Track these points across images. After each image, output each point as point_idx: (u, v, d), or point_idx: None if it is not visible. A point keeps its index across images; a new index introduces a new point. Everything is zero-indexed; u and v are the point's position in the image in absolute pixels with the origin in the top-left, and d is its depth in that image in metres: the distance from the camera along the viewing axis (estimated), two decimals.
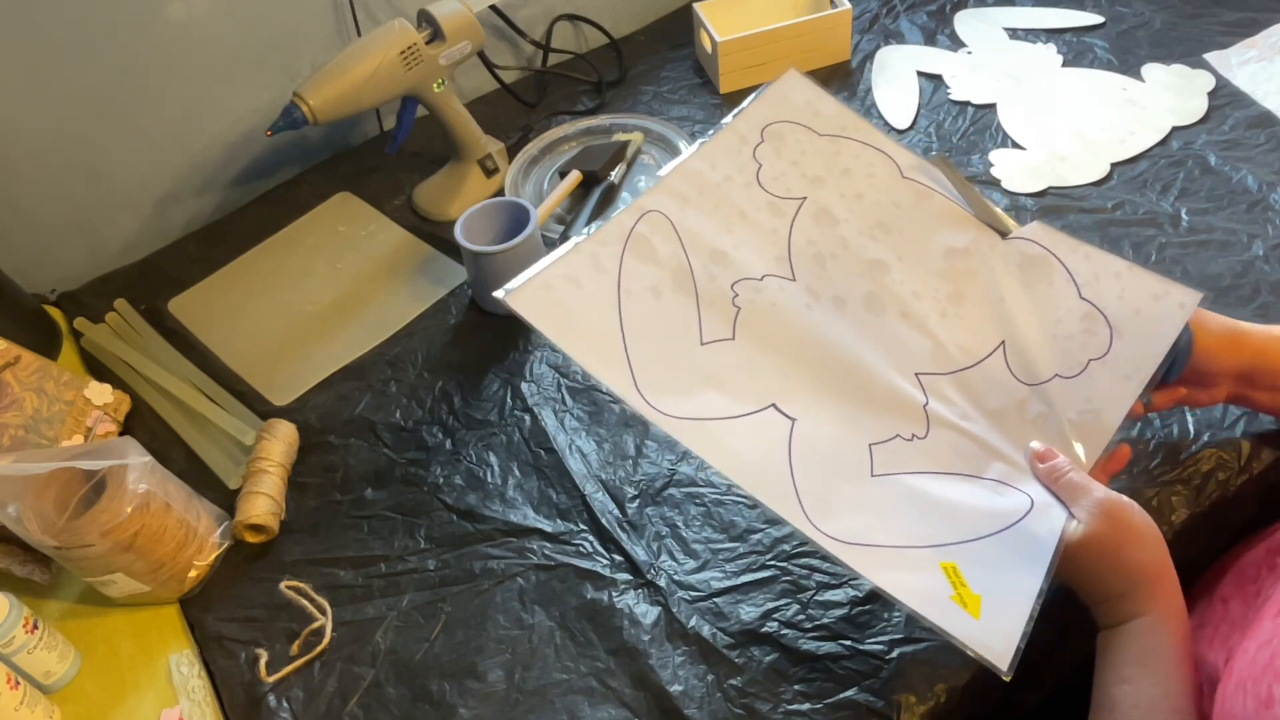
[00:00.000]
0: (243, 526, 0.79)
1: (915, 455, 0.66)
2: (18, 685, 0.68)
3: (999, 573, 0.60)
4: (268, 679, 0.73)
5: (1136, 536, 0.59)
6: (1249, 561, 0.66)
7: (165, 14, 0.99)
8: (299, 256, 1.07)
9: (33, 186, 1.01)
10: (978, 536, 0.61)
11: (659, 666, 0.70)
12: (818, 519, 0.60)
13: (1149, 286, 0.69)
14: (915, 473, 0.65)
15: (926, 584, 0.59)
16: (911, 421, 0.67)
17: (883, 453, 0.65)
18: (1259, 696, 0.49)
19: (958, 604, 0.58)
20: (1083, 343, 0.69)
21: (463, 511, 0.82)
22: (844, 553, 0.59)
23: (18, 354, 0.86)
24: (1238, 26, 1.12)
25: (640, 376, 0.63)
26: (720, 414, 0.64)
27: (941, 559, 0.60)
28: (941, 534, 0.61)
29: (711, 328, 0.68)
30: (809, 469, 0.63)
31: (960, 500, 0.64)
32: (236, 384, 0.94)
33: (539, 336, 0.93)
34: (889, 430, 0.67)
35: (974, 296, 0.72)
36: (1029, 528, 0.61)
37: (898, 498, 0.63)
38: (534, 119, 1.18)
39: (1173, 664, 0.57)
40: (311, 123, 0.93)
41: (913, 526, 0.62)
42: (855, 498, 0.63)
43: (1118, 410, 0.66)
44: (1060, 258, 0.71)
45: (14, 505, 0.71)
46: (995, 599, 0.58)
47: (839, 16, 1.15)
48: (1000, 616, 0.57)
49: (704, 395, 0.64)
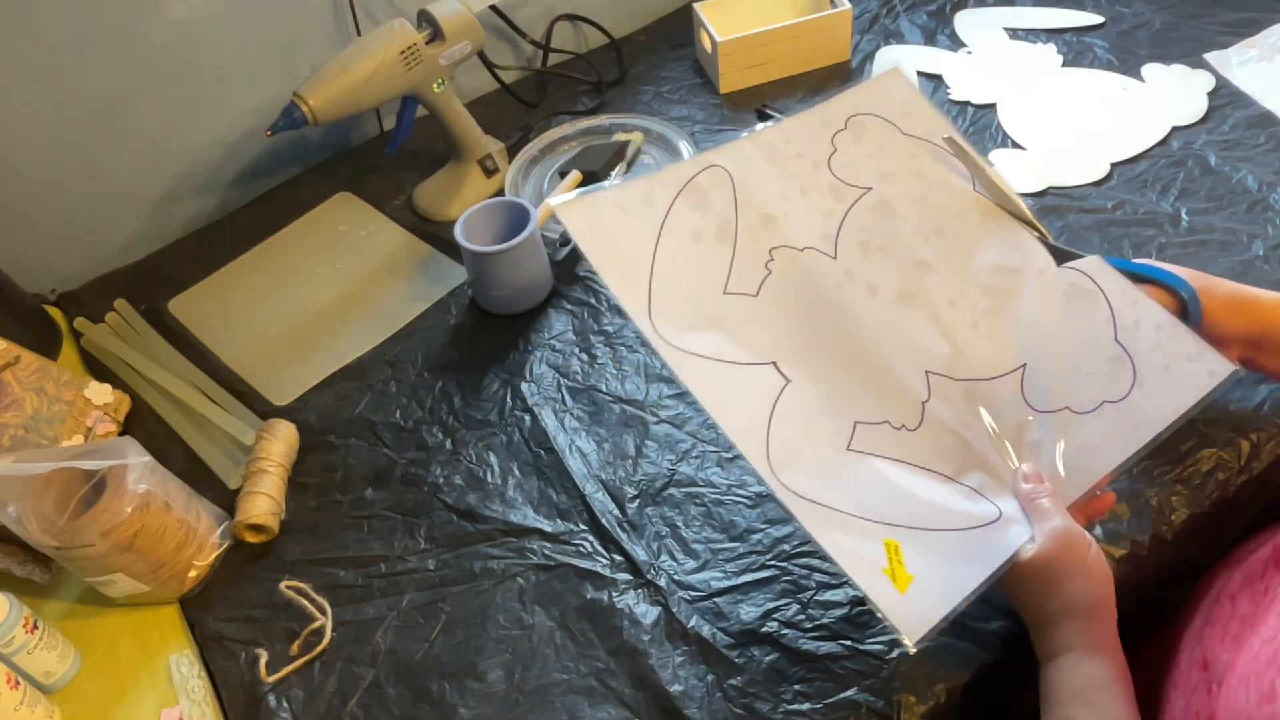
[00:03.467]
0: (243, 526, 0.79)
1: (898, 444, 0.67)
2: (18, 685, 0.68)
3: (939, 564, 0.61)
4: (268, 679, 0.73)
5: (1083, 570, 0.60)
6: (1256, 559, 0.66)
7: (165, 14, 0.99)
8: (299, 256, 1.07)
9: (33, 186, 1.01)
10: (931, 528, 0.63)
11: (659, 666, 0.70)
12: (779, 469, 0.62)
13: (1185, 346, 0.67)
14: (892, 459, 0.66)
15: (864, 551, 0.61)
16: (906, 413, 0.68)
17: (866, 432, 0.66)
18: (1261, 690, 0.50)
19: (887, 576, 0.60)
20: (1103, 383, 0.68)
21: (463, 511, 0.82)
22: (795, 504, 0.61)
23: (18, 354, 0.86)
24: (1238, 26, 1.12)
25: (656, 304, 0.66)
26: (720, 356, 0.66)
27: (888, 536, 0.62)
28: (896, 515, 0.63)
29: (738, 280, 0.69)
30: (786, 427, 0.64)
31: (927, 494, 0.65)
32: (236, 384, 0.94)
33: (539, 336, 0.94)
34: (880, 414, 0.67)
35: (1010, 315, 0.72)
36: (987, 536, 0.63)
37: (865, 474, 0.65)
38: (534, 119, 1.18)
39: (1113, 697, 0.57)
40: (311, 123, 0.93)
41: (870, 501, 0.63)
42: (823, 462, 0.64)
43: (1114, 457, 0.65)
44: (1108, 296, 0.70)
45: (14, 505, 0.71)
46: (925, 584, 0.60)
47: (839, 16, 1.15)
48: (924, 599, 0.59)
49: (710, 336, 0.66)
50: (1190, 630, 0.65)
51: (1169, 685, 0.63)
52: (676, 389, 0.88)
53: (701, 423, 0.85)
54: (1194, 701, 0.60)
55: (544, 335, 0.95)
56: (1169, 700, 0.62)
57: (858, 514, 0.62)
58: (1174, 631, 0.67)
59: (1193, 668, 0.62)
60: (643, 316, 0.65)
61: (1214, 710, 0.56)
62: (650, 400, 0.87)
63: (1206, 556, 0.75)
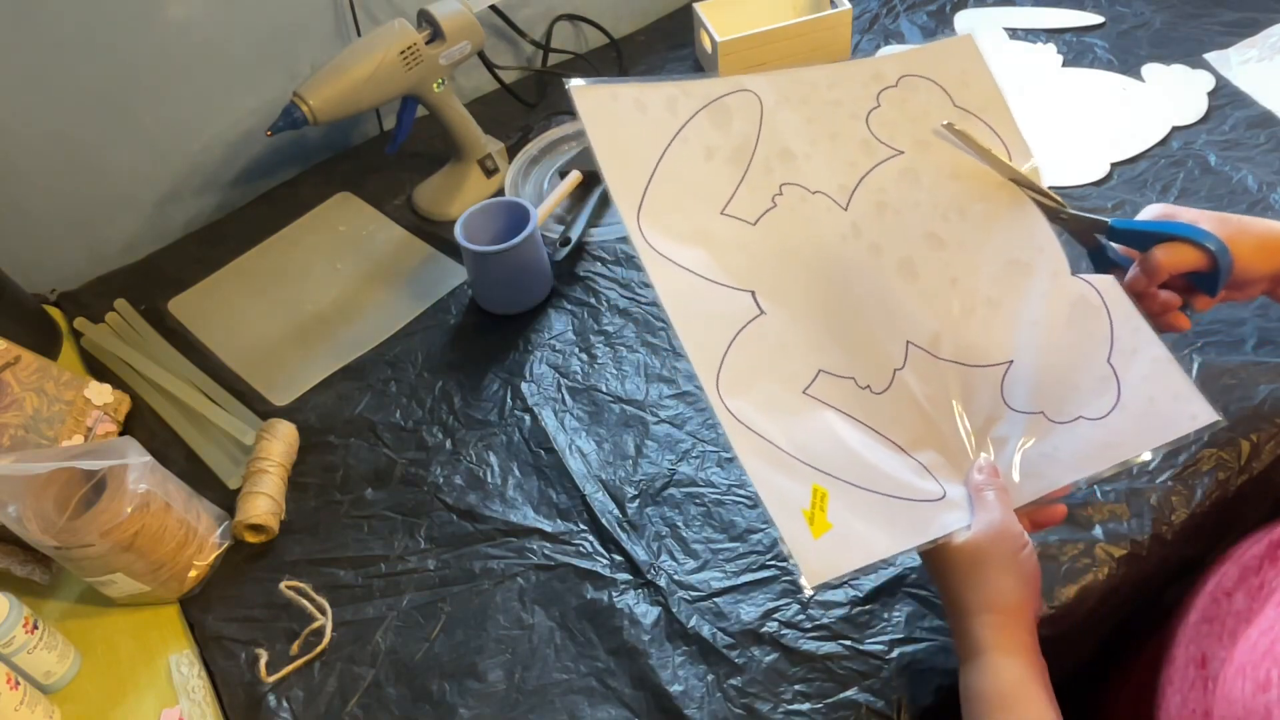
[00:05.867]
0: (243, 526, 0.79)
1: (859, 402, 0.65)
2: (18, 685, 0.68)
3: (861, 522, 0.60)
4: (268, 679, 0.73)
5: (1011, 566, 0.60)
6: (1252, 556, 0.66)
7: (165, 14, 0.99)
8: (299, 256, 1.07)
9: (33, 186, 1.01)
10: (866, 487, 0.62)
11: (659, 666, 0.70)
12: (726, 391, 0.61)
13: (1175, 385, 0.65)
14: (847, 414, 0.65)
15: (788, 490, 0.60)
16: (875, 374, 0.67)
17: (828, 382, 0.65)
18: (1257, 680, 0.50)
19: (805, 518, 0.59)
20: (1085, 399, 0.67)
21: (463, 511, 0.82)
22: (733, 428, 0.60)
23: (18, 354, 0.86)
24: (1238, 26, 1.12)
25: (648, 205, 0.64)
26: (699, 271, 0.64)
27: (818, 482, 0.61)
28: (833, 466, 0.62)
29: (740, 206, 0.68)
30: (747, 355, 0.63)
31: (872, 456, 0.64)
32: (236, 384, 0.94)
33: (539, 336, 0.94)
34: (848, 369, 0.66)
35: (1009, 310, 0.70)
36: (921, 511, 0.62)
37: (814, 421, 0.64)
38: (534, 119, 1.18)
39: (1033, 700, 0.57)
40: (311, 123, 0.93)
41: (811, 446, 0.62)
42: (775, 398, 0.63)
43: (1076, 471, 0.64)
44: (1112, 318, 0.69)
45: (14, 505, 0.71)
46: (841, 536, 0.59)
47: (839, 16, 1.15)
48: (835, 550, 0.58)
49: (695, 250, 0.65)
50: (1186, 627, 0.65)
51: (1165, 682, 0.63)
52: (677, 389, 0.88)
53: (702, 423, 0.85)
54: (1191, 698, 0.60)
55: (544, 335, 0.95)
56: (1165, 697, 0.62)
57: (793, 454, 0.61)
58: (1171, 629, 0.67)
59: (1189, 664, 0.62)
60: (631, 214, 0.64)
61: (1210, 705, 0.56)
62: (650, 400, 0.87)
63: (1206, 556, 0.75)
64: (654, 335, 0.93)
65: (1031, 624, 0.60)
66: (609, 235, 1.03)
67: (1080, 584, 0.71)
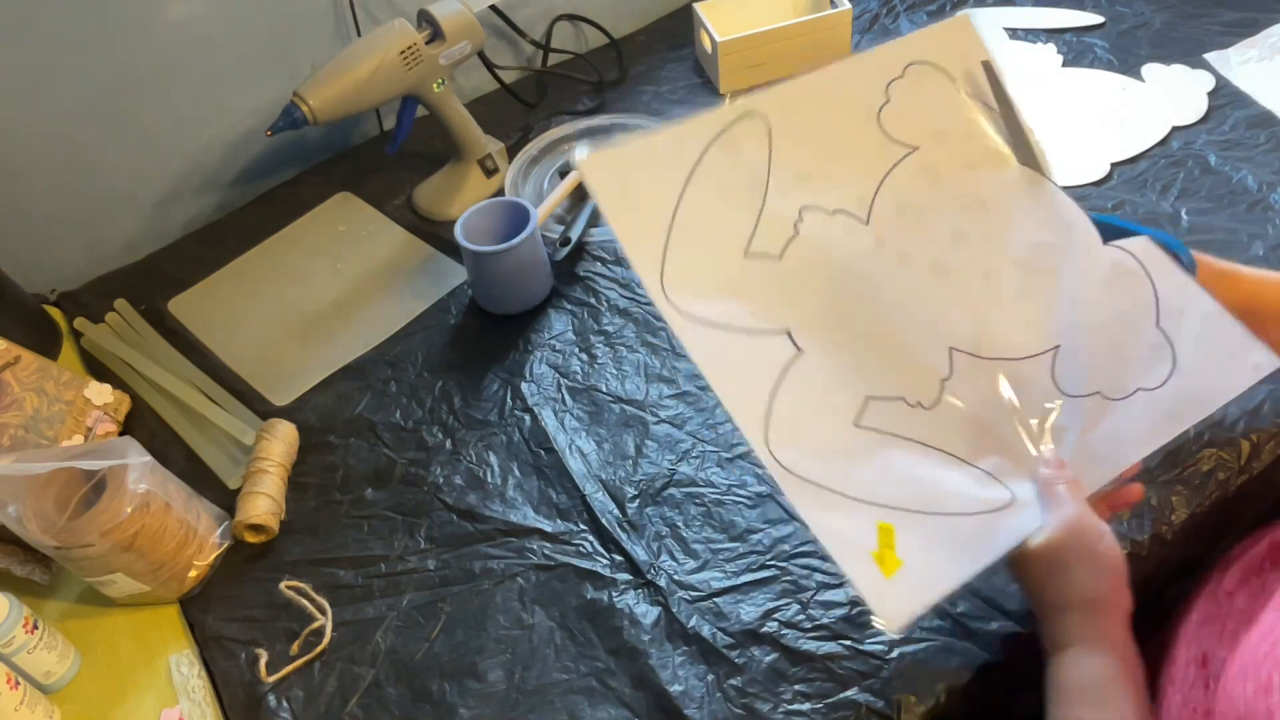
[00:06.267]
0: (243, 526, 0.79)
1: (911, 422, 0.64)
2: (18, 685, 0.68)
3: (932, 551, 0.59)
4: (268, 679, 0.73)
5: (1092, 561, 0.59)
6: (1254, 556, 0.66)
7: (165, 14, 0.99)
8: (299, 256, 1.07)
9: (33, 186, 1.01)
10: (934, 512, 0.61)
11: (659, 666, 0.70)
12: (776, 445, 0.60)
13: (1232, 337, 0.63)
14: (903, 438, 0.63)
15: (854, 533, 0.59)
16: (923, 389, 0.65)
17: (878, 408, 0.64)
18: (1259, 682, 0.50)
19: (875, 561, 0.58)
20: (1140, 369, 0.64)
21: (463, 511, 0.82)
22: (788, 483, 0.59)
23: (18, 354, 0.86)
24: (1238, 26, 1.12)
25: (669, 270, 0.63)
26: (732, 324, 0.63)
27: (883, 518, 0.59)
28: (897, 499, 0.60)
29: (762, 241, 0.66)
30: (792, 400, 0.62)
31: (934, 476, 0.62)
32: (236, 384, 0.94)
33: (539, 336, 0.94)
34: (895, 390, 0.65)
35: (1046, 294, 0.68)
36: (993, 522, 0.61)
37: (869, 452, 0.62)
38: (534, 119, 1.18)
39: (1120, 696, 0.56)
40: (311, 123, 0.93)
41: (870, 481, 0.61)
42: (827, 439, 0.62)
43: (1143, 447, 0.62)
44: (1154, 280, 0.66)
45: (14, 505, 0.71)
46: (914, 570, 0.58)
47: (839, 16, 1.15)
48: (910, 586, 0.57)
49: (725, 303, 0.64)
50: (1188, 627, 0.65)
51: (1166, 682, 0.63)
52: (677, 389, 0.88)
53: (702, 423, 0.85)
54: (1192, 697, 0.60)
55: (544, 335, 0.95)
56: (1166, 697, 0.62)
57: (854, 494, 0.60)
58: (1172, 629, 0.67)
59: (1190, 664, 0.62)
60: (654, 281, 0.62)
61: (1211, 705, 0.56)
62: (650, 400, 0.87)
63: (1206, 556, 0.74)
64: (654, 335, 0.93)
65: (1121, 616, 0.59)
66: (609, 235, 1.03)
67: None
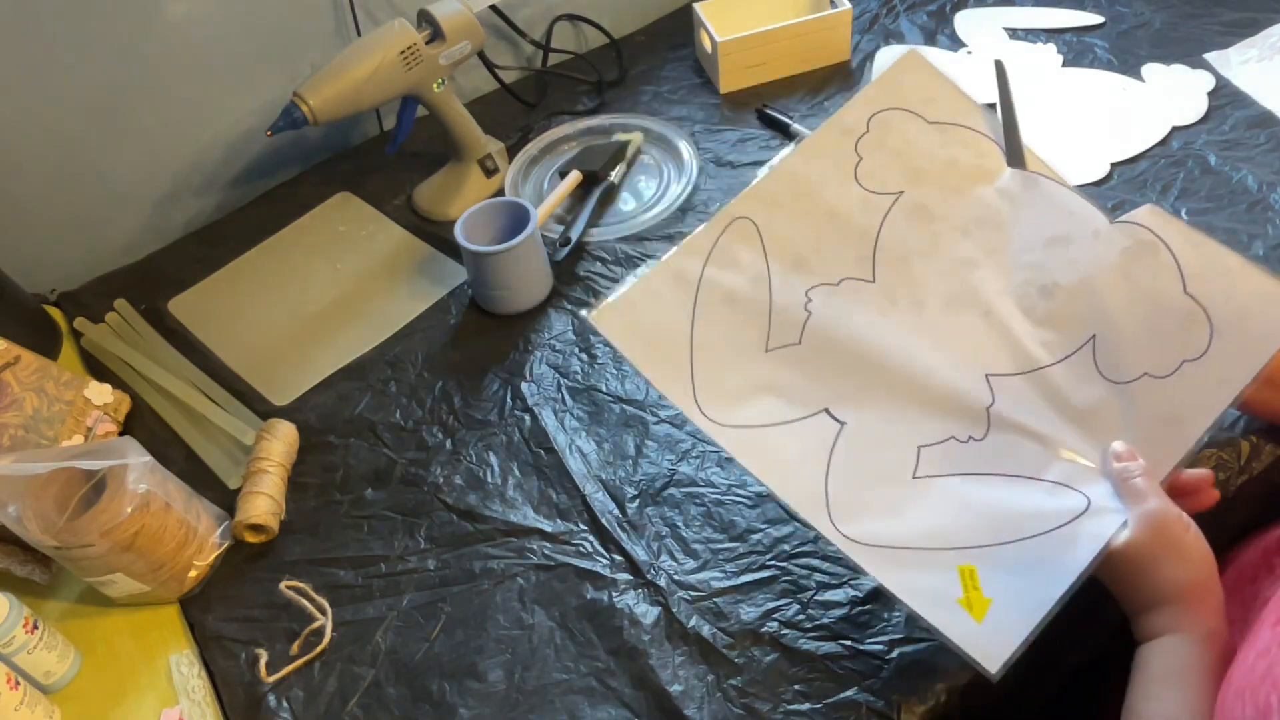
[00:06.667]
0: (243, 526, 0.79)
1: (967, 457, 0.64)
2: (18, 685, 0.68)
3: (1019, 579, 0.59)
4: (268, 679, 0.73)
5: (1179, 553, 0.58)
6: (1247, 561, 0.66)
7: (165, 14, 0.99)
8: (299, 256, 1.07)
9: (33, 186, 1.01)
10: (1011, 539, 0.60)
11: (659, 666, 0.70)
12: (840, 521, 0.61)
13: (1260, 285, 0.62)
14: (962, 474, 0.63)
15: (936, 585, 0.59)
16: (970, 423, 0.65)
17: (931, 454, 0.64)
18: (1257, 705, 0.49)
19: (963, 607, 0.58)
20: (1180, 341, 0.64)
21: (463, 511, 0.82)
22: (859, 554, 0.60)
23: (18, 354, 0.86)
24: (1238, 26, 1.12)
25: (700, 391, 0.65)
26: (772, 420, 0.65)
27: (961, 562, 0.60)
28: (971, 537, 0.61)
29: (779, 334, 0.68)
30: (846, 473, 0.63)
31: (1004, 502, 0.62)
32: (236, 384, 0.94)
33: (539, 336, 0.94)
34: (943, 432, 0.65)
35: (1068, 288, 0.68)
36: (1074, 531, 0.60)
37: (935, 500, 0.63)
38: (534, 119, 1.18)
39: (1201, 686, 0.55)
40: (311, 123, 0.93)
41: (941, 528, 0.61)
42: (888, 500, 0.62)
43: (1203, 419, 0.61)
44: (1170, 245, 0.65)
45: (14, 505, 0.71)
46: (1005, 605, 0.58)
47: (839, 16, 1.15)
48: (1004, 622, 0.57)
49: (760, 402, 0.65)
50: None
51: None
52: None
53: None
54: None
55: (544, 335, 0.95)
56: None
57: (928, 545, 0.60)
58: None
59: None
60: (691, 407, 0.65)
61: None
62: (650, 400, 0.87)
63: None
64: None
65: (1215, 602, 0.58)
66: (609, 235, 1.03)
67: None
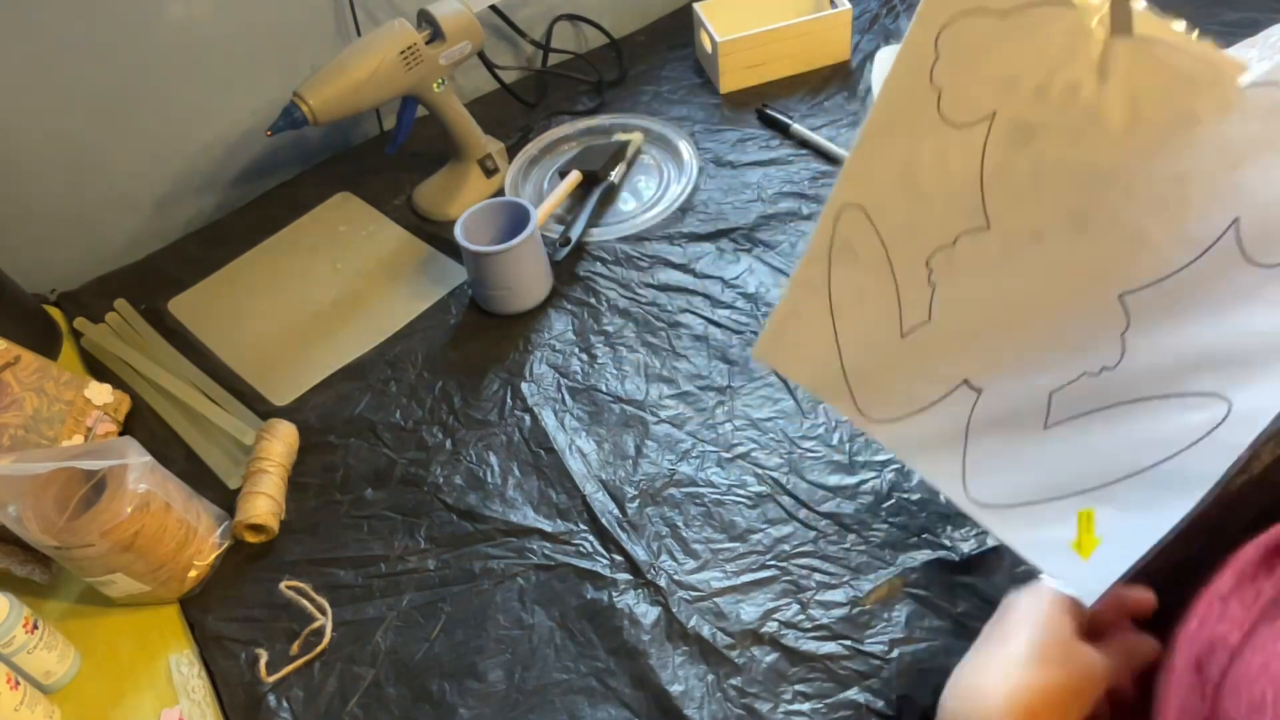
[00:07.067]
0: (243, 526, 0.79)
1: (1100, 391, 0.62)
2: (18, 685, 0.68)
3: (1134, 513, 0.59)
4: (268, 679, 0.73)
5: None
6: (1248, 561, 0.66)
7: (165, 14, 0.99)
8: (299, 256, 1.07)
9: (33, 186, 1.01)
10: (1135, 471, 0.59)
11: (659, 666, 0.70)
12: (974, 489, 0.63)
13: None
14: (1093, 410, 0.62)
15: (1054, 535, 0.60)
16: (1104, 353, 0.62)
17: (1063, 397, 0.63)
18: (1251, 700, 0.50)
19: (1074, 549, 0.59)
20: None
21: (463, 511, 0.82)
22: (989, 518, 0.62)
23: (18, 354, 0.86)
24: (1238, 26, 1.12)
25: (860, 397, 0.67)
26: (918, 405, 0.66)
27: (1082, 506, 0.60)
28: (1095, 476, 0.60)
29: (911, 316, 0.67)
30: (981, 440, 0.64)
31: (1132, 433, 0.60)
32: (236, 384, 0.94)
33: (539, 336, 0.94)
34: (1075, 370, 0.62)
35: (1201, 171, 0.60)
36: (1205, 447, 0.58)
37: (1066, 445, 0.62)
38: (534, 119, 1.18)
39: None
40: (311, 123, 0.93)
41: (1072, 473, 0.61)
42: (1019, 457, 0.63)
43: None
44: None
45: (14, 505, 0.71)
46: (1114, 541, 0.59)
47: (839, 16, 1.15)
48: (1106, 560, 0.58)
49: (907, 388, 0.66)
50: (1185, 631, 0.65)
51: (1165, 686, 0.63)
52: (677, 389, 0.88)
53: (702, 423, 0.85)
54: (1190, 702, 0.60)
55: (544, 335, 0.95)
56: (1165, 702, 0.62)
57: (1052, 496, 0.61)
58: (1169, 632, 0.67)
59: (1187, 670, 0.62)
60: (855, 415, 0.66)
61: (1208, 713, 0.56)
62: (650, 400, 0.87)
63: (1206, 558, 0.74)
64: (654, 335, 0.93)
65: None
66: (609, 235, 1.03)
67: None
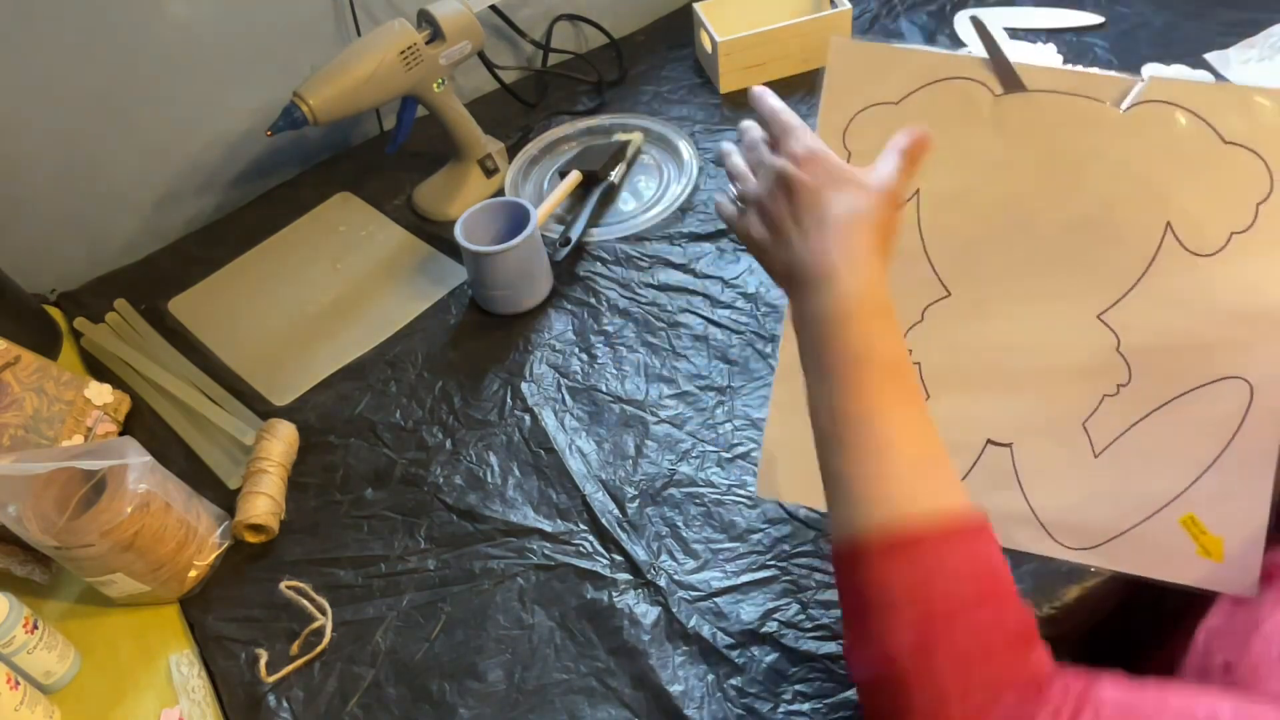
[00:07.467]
0: (243, 526, 0.79)
1: (1127, 407, 0.63)
2: (18, 685, 0.68)
3: (1231, 502, 0.59)
4: (268, 679, 0.73)
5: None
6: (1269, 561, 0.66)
7: (166, 14, 0.99)
8: (299, 256, 1.07)
9: (33, 186, 1.01)
10: (1204, 467, 0.60)
11: (659, 666, 0.70)
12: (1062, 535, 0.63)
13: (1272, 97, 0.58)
14: (1132, 425, 0.63)
15: (1171, 550, 0.60)
16: (1111, 373, 0.64)
17: (1096, 424, 0.64)
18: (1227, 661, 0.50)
19: (1203, 556, 0.59)
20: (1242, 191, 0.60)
21: (463, 511, 0.82)
22: (1093, 559, 0.62)
23: (18, 354, 0.86)
24: (1238, 26, 1.12)
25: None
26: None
27: (1179, 513, 0.60)
28: (1174, 483, 0.61)
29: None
30: (1038, 486, 0.64)
31: (1180, 431, 0.61)
32: (236, 384, 0.94)
33: (539, 336, 0.94)
34: (1094, 396, 0.64)
35: (1122, 194, 0.63)
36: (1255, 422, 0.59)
37: (1124, 465, 0.63)
38: (534, 119, 1.18)
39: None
40: (311, 123, 0.93)
41: (1146, 490, 0.61)
42: (1086, 490, 0.63)
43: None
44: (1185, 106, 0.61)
45: (14, 505, 0.71)
46: (1233, 532, 0.59)
47: (839, 16, 1.15)
48: (1241, 549, 0.58)
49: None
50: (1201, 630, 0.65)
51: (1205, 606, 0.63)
52: (677, 389, 0.88)
53: (702, 423, 0.85)
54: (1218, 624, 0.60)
55: (544, 335, 0.95)
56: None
57: (1144, 514, 0.61)
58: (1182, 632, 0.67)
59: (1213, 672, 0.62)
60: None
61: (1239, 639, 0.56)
62: (650, 400, 0.87)
63: None
64: (654, 335, 0.93)
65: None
66: (609, 235, 1.03)
67: (1082, 585, 0.70)
